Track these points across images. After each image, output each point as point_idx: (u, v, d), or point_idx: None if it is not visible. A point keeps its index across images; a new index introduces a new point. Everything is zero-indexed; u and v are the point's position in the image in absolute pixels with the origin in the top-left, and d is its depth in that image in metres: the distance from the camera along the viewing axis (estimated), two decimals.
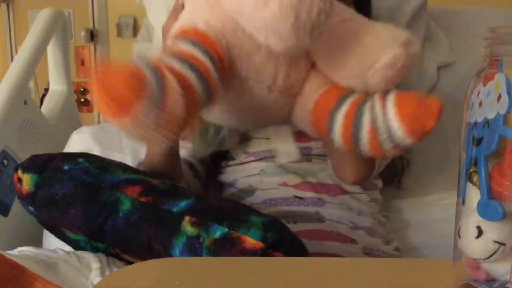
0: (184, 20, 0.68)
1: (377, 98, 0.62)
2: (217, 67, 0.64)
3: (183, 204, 0.70)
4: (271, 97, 0.70)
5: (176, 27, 0.67)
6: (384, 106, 0.61)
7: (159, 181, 0.76)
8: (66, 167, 0.76)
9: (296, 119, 0.73)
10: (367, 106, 0.62)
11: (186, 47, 0.63)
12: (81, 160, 0.77)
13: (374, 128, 0.61)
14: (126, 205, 0.72)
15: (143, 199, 0.71)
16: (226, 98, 0.70)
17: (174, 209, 0.69)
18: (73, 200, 0.74)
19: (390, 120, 0.60)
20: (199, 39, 0.65)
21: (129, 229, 0.71)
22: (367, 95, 0.64)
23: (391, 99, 0.61)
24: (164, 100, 0.55)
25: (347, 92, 0.66)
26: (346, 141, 0.64)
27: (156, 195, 0.72)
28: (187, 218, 0.67)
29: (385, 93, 0.62)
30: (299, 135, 0.94)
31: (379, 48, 0.63)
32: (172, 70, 0.58)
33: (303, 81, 0.70)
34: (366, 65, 0.63)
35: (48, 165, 0.76)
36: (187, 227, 0.67)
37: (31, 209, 0.77)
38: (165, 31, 0.75)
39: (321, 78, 0.69)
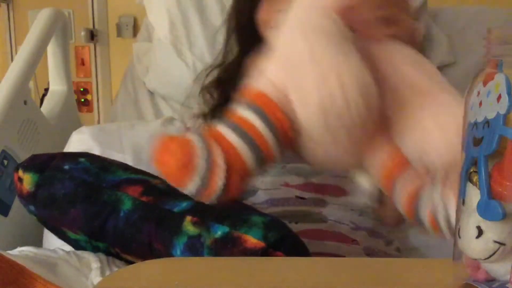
0: (254, 80, 0.68)
1: (438, 186, 0.61)
2: (278, 136, 0.64)
3: (184, 204, 0.70)
4: (341, 156, 0.70)
5: (247, 87, 0.68)
6: (443, 196, 0.59)
7: (160, 181, 0.76)
8: (66, 167, 0.76)
9: (370, 170, 0.72)
10: (428, 192, 0.62)
11: (248, 115, 0.64)
12: (82, 159, 0.77)
13: (433, 216, 0.60)
14: (127, 204, 0.72)
15: (144, 198, 0.72)
16: (297, 153, 0.71)
17: (175, 209, 0.69)
18: (74, 200, 0.74)
19: (450, 213, 0.58)
20: (262, 105, 0.64)
21: (129, 229, 0.71)
22: (429, 174, 0.63)
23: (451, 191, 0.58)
24: (210, 178, 0.59)
25: (409, 168, 0.65)
26: (411, 217, 0.65)
27: (157, 195, 0.72)
28: (188, 218, 0.67)
29: (445, 179, 0.60)
30: None
31: (434, 130, 0.62)
32: (224, 143, 0.61)
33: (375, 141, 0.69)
34: (420, 144, 0.63)
35: (48, 165, 0.77)
36: (188, 226, 0.67)
37: (32, 208, 0.77)
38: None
39: (391, 142, 0.69)
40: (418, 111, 0.64)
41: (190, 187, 0.59)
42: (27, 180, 0.76)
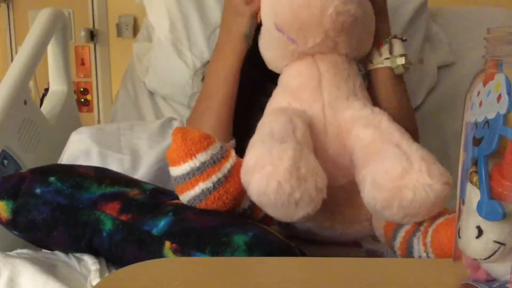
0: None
1: (421, 230, 0.69)
2: None
3: (161, 224, 0.68)
4: (337, 235, 0.81)
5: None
6: (423, 242, 0.67)
7: (138, 191, 0.75)
8: (38, 190, 0.74)
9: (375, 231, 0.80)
10: (415, 237, 0.69)
11: None
12: (52, 179, 0.75)
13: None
14: (107, 224, 0.71)
15: (123, 217, 0.70)
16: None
17: (154, 231, 0.68)
18: (54, 224, 0.73)
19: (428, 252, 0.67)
20: None
21: (115, 248, 0.70)
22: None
23: (429, 235, 0.67)
24: (220, 160, 0.69)
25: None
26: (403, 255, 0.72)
27: (136, 211, 0.71)
28: (167, 244, 0.66)
29: (430, 224, 0.68)
30: None
31: (369, 185, 0.69)
32: (238, 160, 0.70)
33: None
34: (365, 198, 0.70)
35: (20, 188, 0.74)
36: (169, 254, 0.65)
37: (15, 232, 0.76)
38: None
39: None
40: (364, 169, 0.71)
41: (199, 158, 0.68)
42: (2, 208, 0.74)
